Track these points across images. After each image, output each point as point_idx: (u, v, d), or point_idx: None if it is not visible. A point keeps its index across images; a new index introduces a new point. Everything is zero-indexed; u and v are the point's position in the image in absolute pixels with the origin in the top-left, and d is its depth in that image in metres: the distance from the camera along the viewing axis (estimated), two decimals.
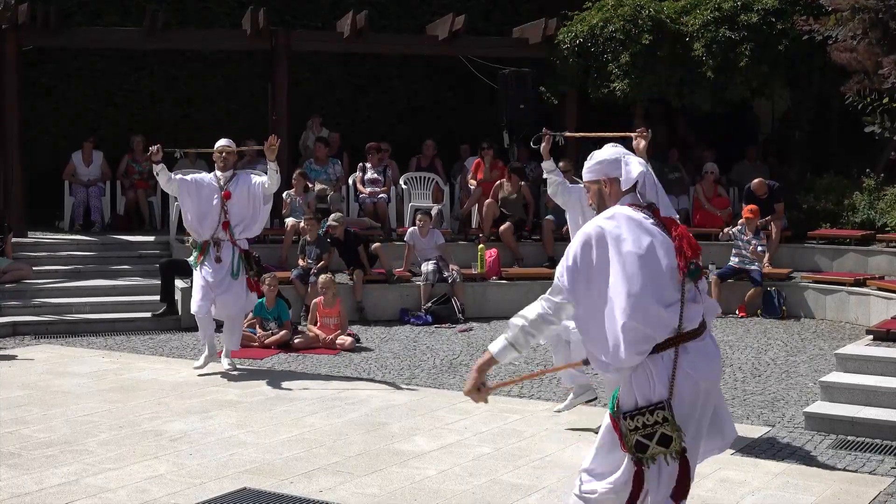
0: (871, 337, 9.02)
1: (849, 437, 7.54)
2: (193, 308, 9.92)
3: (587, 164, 4.51)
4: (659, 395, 4.17)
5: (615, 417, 4.28)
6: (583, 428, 7.74)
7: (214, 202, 9.77)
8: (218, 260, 9.78)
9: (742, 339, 11.67)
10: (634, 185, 4.36)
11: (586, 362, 4.50)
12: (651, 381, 4.18)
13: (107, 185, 16.11)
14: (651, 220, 4.28)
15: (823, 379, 8.44)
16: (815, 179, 15.05)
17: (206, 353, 10.03)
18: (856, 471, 6.80)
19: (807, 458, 7.12)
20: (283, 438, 7.54)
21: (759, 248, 13.40)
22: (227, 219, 9.76)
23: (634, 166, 4.36)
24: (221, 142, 9.99)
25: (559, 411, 8.30)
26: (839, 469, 6.87)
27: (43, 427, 7.77)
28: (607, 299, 4.16)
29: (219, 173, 9.88)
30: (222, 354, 10.07)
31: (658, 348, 4.18)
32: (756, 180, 14.40)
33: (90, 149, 16.03)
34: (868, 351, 8.56)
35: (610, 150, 4.47)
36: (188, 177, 10.02)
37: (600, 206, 4.45)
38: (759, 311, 13.33)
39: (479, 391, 4.37)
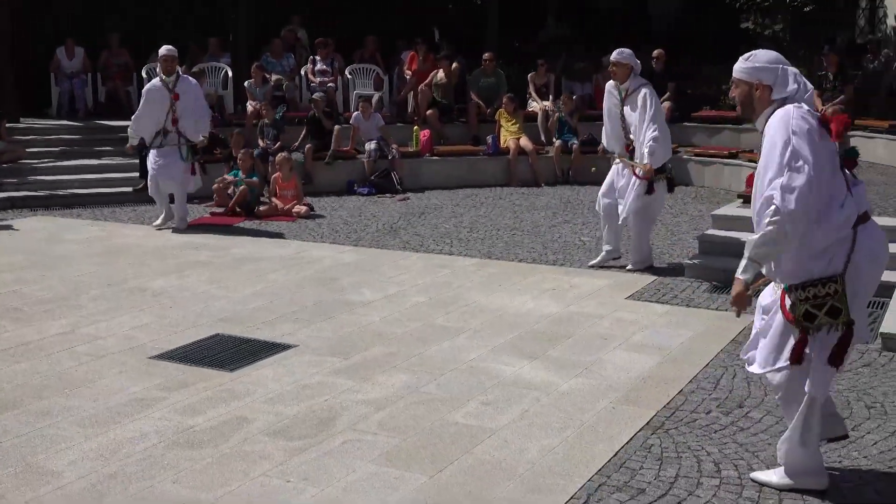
0: (741, 200, 9.14)
1: (721, 284, 7.70)
2: (150, 189, 10.44)
3: (742, 63, 3.94)
4: (834, 268, 3.81)
5: (786, 290, 3.94)
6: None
7: (165, 103, 10.03)
8: (161, 145, 10.11)
9: None
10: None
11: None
12: (829, 255, 3.82)
13: (88, 76, 15.61)
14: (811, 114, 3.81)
15: (701, 234, 8.61)
16: (699, 68, 15.04)
17: (162, 216, 10.39)
18: (726, 310, 6.95)
19: (686, 301, 7.32)
20: (249, 292, 7.55)
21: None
22: (176, 116, 10.04)
23: (791, 81, 3.85)
24: (164, 50, 10.16)
25: (592, 266, 8.44)
26: (712, 309, 7.08)
27: (42, 286, 7.69)
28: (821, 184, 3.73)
29: (164, 77, 10.15)
30: (176, 220, 10.30)
31: None
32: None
33: (72, 45, 15.45)
34: (738, 212, 8.68)
35: (770, 56, 3.93)
36: (144, 98, 10.27)
37: (746, 106, 3.97)
38: None
39: (742, 300, 4.01)
